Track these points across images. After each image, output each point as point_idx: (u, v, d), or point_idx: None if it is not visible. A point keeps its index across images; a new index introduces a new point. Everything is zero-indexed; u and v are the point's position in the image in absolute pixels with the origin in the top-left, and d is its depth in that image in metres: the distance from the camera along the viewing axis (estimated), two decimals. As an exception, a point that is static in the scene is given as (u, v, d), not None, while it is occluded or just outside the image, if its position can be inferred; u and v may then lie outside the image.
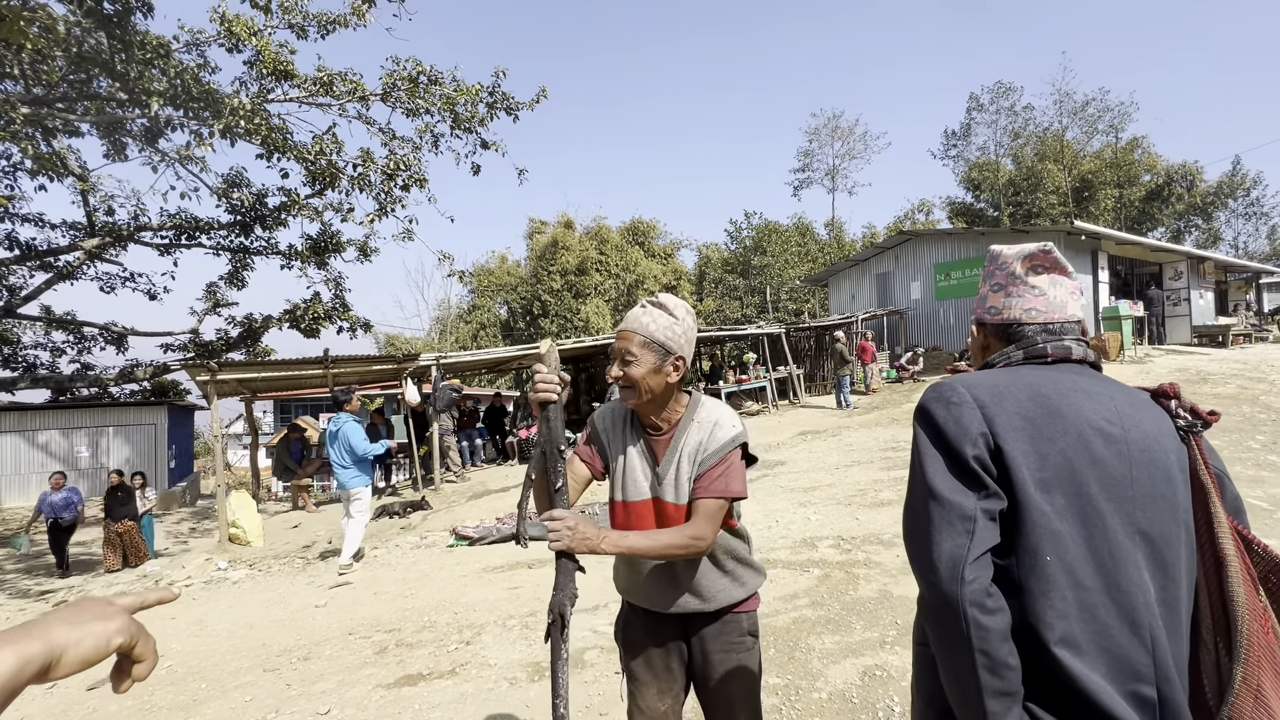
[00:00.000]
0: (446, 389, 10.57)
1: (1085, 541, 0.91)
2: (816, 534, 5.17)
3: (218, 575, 6.84)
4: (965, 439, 0.94)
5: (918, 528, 0.95)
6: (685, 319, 1.56)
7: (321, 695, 3.37)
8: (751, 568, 1.67)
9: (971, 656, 0.87)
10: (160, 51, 8.97)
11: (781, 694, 2.83)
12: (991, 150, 32.93)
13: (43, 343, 15.37)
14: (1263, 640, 0.91)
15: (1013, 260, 1.14)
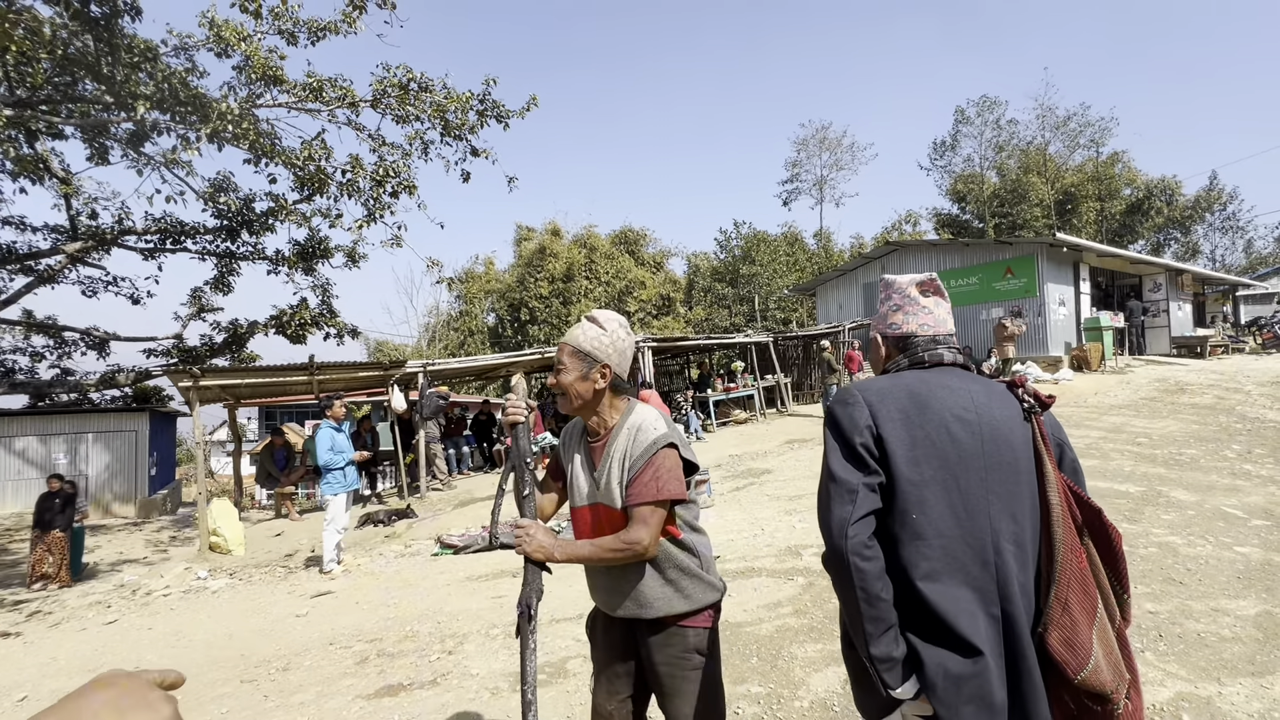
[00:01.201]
0: (433, 396, 10.52)
1: (945, 501, 1.20)
2: (801, 542, 5.19)
3: (197, 585, 6.74)
4: (855, 431, 1.23)
5: (820, 501, 1.25)
6: (615, 331, 1.69)
7: (300, 707, 3.33)
8: (699, 581, 1.63)
9: (854, 592, 1.16)
10: (148, 55, 8.91)
11: (764, 703, 2.83)
12: (977, 163, 33.44)
13: (21, 347, 15.13)
14: (1076, 567, 1.20)
15: (907, 286, 1.45)
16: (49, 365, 15.18)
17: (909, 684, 1.16)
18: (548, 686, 3.23)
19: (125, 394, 15.53)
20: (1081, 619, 1.17)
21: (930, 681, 1.14)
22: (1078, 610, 1.18)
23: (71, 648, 5.00)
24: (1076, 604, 1.18)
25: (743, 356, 16.65)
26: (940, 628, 1.15)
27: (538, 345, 20.91)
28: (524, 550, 1.58)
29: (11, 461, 13.59)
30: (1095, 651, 1.16)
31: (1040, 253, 14.20)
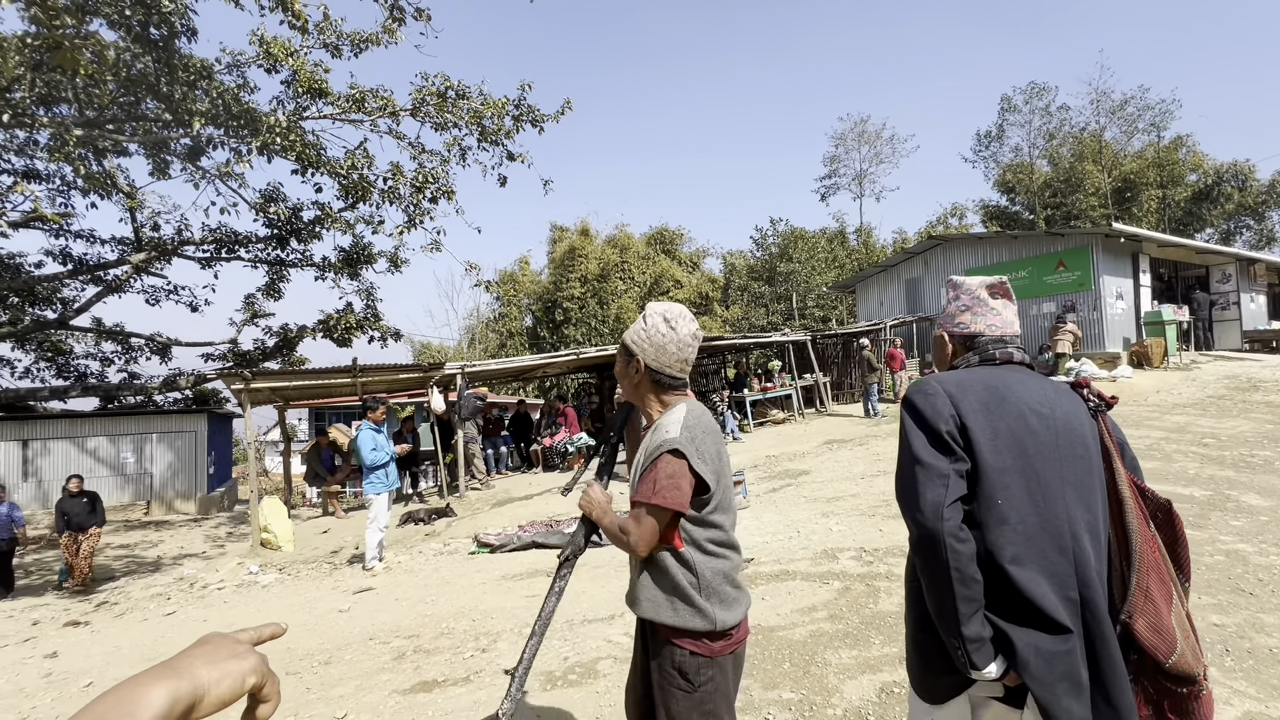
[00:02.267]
0: (471, 397, 10.71)
1: (1025, 489, 1.25)
2: (838, 545, 5.07)
3: (249, 579, 7.02)
4: (940, 419, 1.28)
5: (907, 485, 1.28)
6: (655, 325, 1.65)
7: (339, 700, 3.42)
8: (687, 603, 1.55)
9: (949, 574, 1.20)
10: (203, 73, 9.34)
11: (795, 709, 2.77)
12: (1026, 152, 32.11)
13: (93, 353, 16.09)
14: (1151, 557, 1.27)
15: (977, 288, 1.51)
16: (117, 369, 16.10)
17: (996, 664, 1.21)
18: (578, 687, 3.23)
19: (185, 396, 16.36)
20: (1163, 606, 1.23)
21: (1023, 659, 1.19)
22: (1159, 598, 1.23)
23: (135, 637, 5.27)
24: (1156, 591, 1.24)
25: (780, 356, 16.40)
26: (1028, 609, 1.20)
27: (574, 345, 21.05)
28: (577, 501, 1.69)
29: (85, 460, 14.46)
30: (1179, 637, 1.21)
31: (1095, 244, 13.53)
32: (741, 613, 1.62)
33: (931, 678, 1.35)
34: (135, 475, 14.95)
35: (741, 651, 1.67)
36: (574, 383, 21.49)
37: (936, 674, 1.33)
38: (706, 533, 1.59)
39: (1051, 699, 1.17)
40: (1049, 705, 1.17)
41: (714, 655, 1.56)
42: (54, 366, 15.74)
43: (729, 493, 1.66)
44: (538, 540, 6.55)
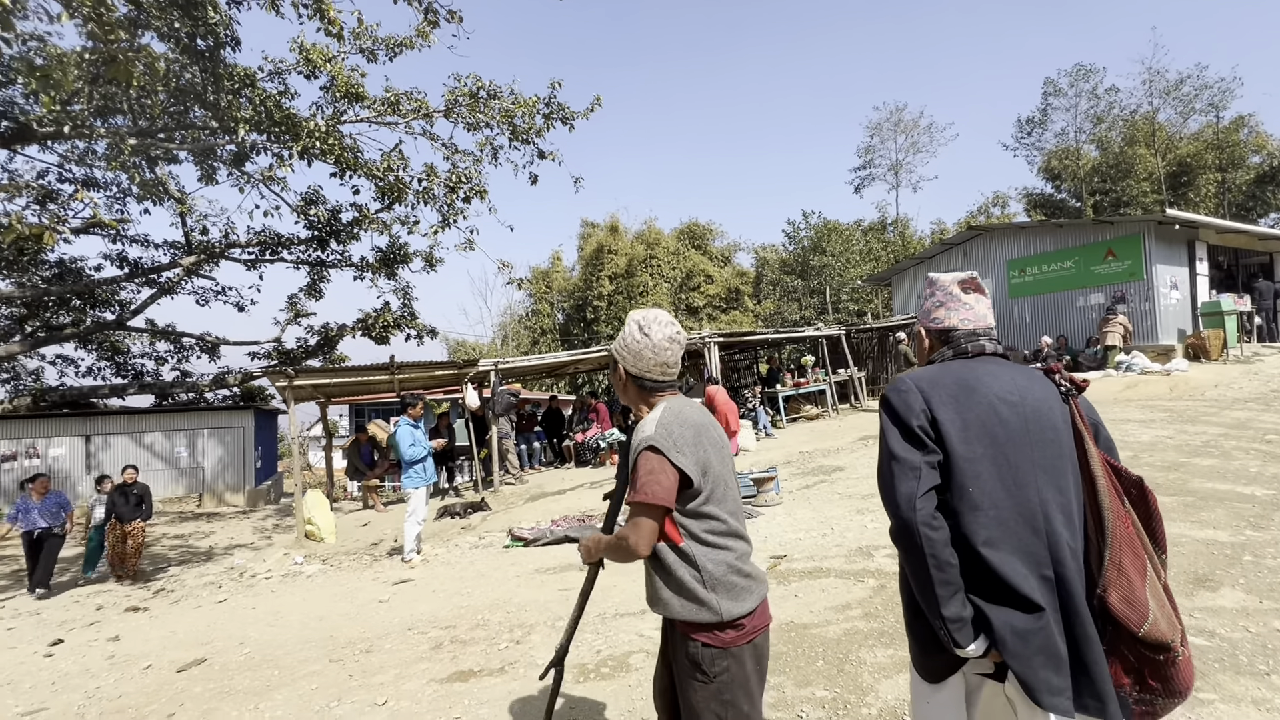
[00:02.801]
0: (504, 394, 10.85)
1: (997, 476, 1.33)
2: (874, 543, 4.99)
3: (294, 569, 7.28)
4: (911, 414, 1.36)
5: (884, 479, 1.36)
6: (630, 330, 1.74)
7: (380, 687, 3.52)
8: (690, 597, 1.57)
9: (925, 560, 1.28)
10: (247, 81, 9.66)
11: (829, 707, 2.74)
12: (1071, 137, 30.81)
13: (148, 352, 16.87)
14: (1124, 533, 1.33)
15: (950, 284, 1.57)
16: (170, 368, 16.84)
17: (978, 642, 1.29)
18: (610, 680, 3.26)
19: (234, 393, 17.01)
20: (1135, 578, 1.30)
21: (1000, 637, 1.26)
22: (1131, 571, 1.30)
23: (189, 623, 5.53)
24: (1129, 565, 1.31)
25: (813, 351, 16.17)
26: (1003, 589, 1.28)
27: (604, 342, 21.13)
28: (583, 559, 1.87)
29: (142, 454, 15.18)
30: (1151, 607, 1.28)
31: (1147, 231, 12.92)
32: (753, 602, 1.62)
33: (925, 657, 1.42)
34: (188, 469, 15.64)
35: (762, 641, 1.67)
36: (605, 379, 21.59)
37: (929, 653, 1.40)
38: (703, 524, 1.61)
39: (1028, 672, 1.25)
40: (1026, 678, 1.25)
41: (727, 646, 1.58)
42: (113, 365, 16.57)
43: (723, 483, 1.66)
44: (570, 535, 6.62)
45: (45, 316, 14.68)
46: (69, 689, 4.13)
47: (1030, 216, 29.94)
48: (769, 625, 1.71)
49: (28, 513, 7.77)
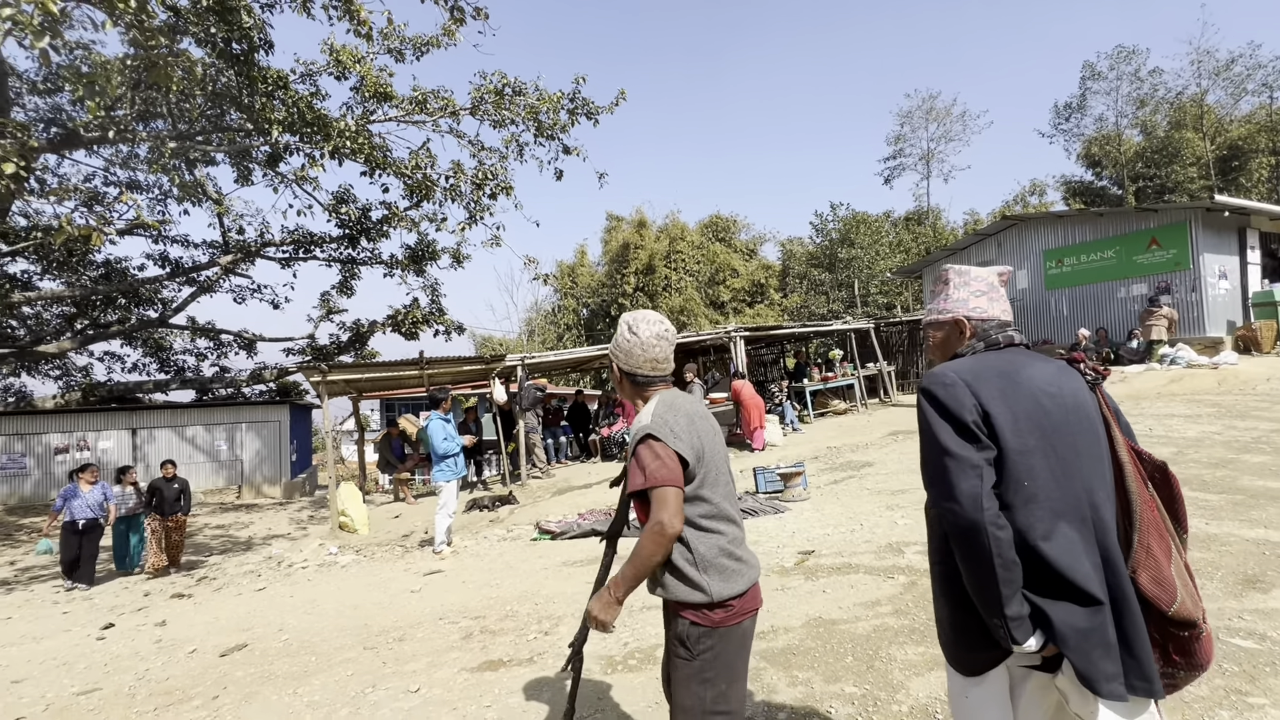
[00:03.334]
0: (531, 388, 10.95)
1: (1047, 468, 1.32)
2: (904, 539, 4.91)
3: (329, 559, 7.48)
4: (964, 409, 1.32)
5: (939, 476, 1.33)
6: (620, 332, 1.84)
7: (413, 674, 3.60)
8: (680, 576, 1.64)
9: (992, 561, 1.25)
10: (279, 84, 9.90)
11: (858, 704, 2.71)
12: (1112, 122, 29.68)
13: (189, 349, 17.47)
14: (1150, 516, 1.36)
15: (989, 275, 1.59)
16: (210, 364, 17.39)
17: (1035, 637, 1.28)
18: (638, 671, 3.28)
19: (270, 388, 17.51)
20: (1163, 560, 1.32)
21: (1062, 635, 1.26)
22: (1159, 552, 1.33)
23: (230, 609, 5.73)
24: (1156, 547, 1.33)
25: (841, 344, 15.96)
26: (1061, 583, 1.27)
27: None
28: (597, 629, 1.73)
29: (184, 447, 15.73)
30: (1179, 587, 1.31)
31: (1194, 219, 12.41)
32: (743, 585, 1.67)
33: (971, 653, 1.41)
34: (228, 461, 16.16)
35: (749, 624, 1.72)
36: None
37: (975, 649, 1.39)
38: (697, 509, 1.67)
39: (1088, 665, 1.25)
40: (1086, 671, 1.25)
41: (714, 625, 1.63)
42: (157, 361, 17.18)
43: (715, 468, 1.73)
44: (597, 528, 6.66)
45: (93, 315, 15.30)
46: (120, 670, 4.31)
47: (1069, 205, 28.99)
48: (758, 610, 1.76)
49: (74, 502, 7.72)
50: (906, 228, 30.30)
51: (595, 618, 1.69)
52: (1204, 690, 2.51)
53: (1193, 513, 4.58)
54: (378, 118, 11.64)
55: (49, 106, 12.56)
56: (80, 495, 7.82)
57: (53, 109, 12.57)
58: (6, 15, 6.84)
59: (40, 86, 12.20)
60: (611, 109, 11.98)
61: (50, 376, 16.54)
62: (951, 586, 1.41)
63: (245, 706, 3.46)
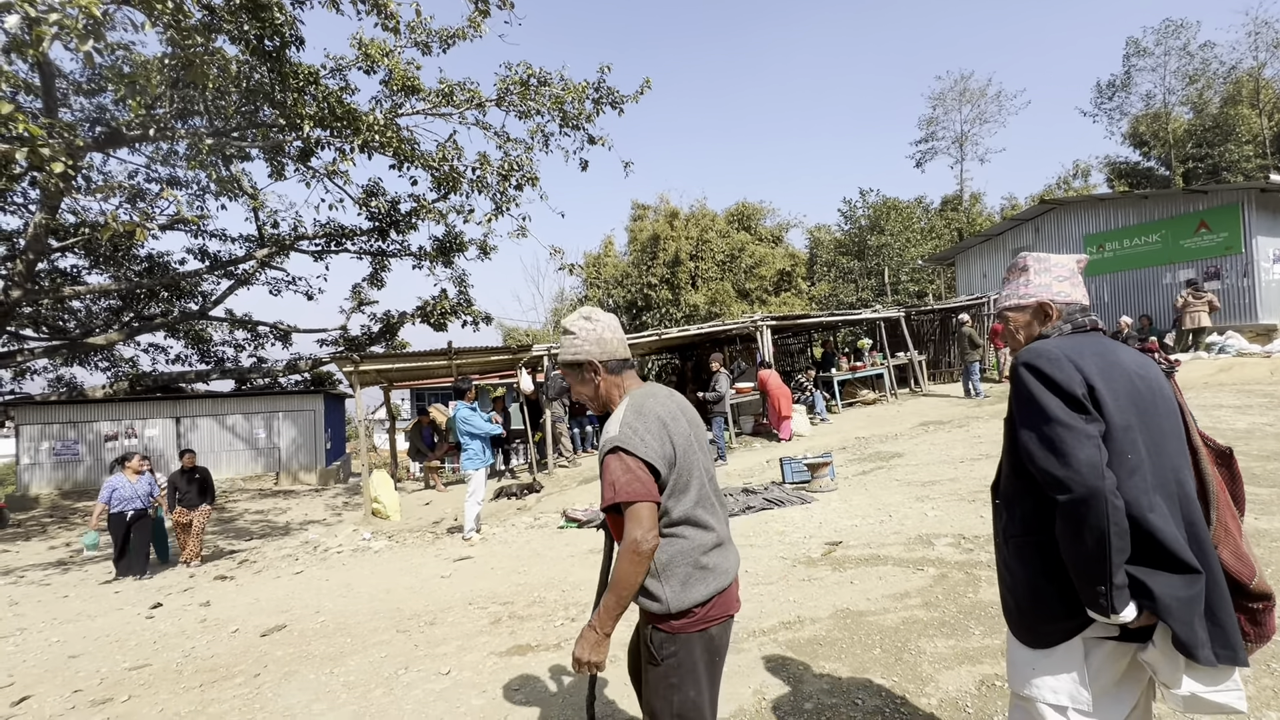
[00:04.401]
0: (557, 378, 11.01)
1: (1145, 443, 1.37)
2: (934, 531, 4.83)
3: (362, 545, 7.68)
4: (1074, 384, 1.36)
5: (1053, 447, 1.33)
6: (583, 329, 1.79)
7: (443, 657, 3.69)
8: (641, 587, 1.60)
9: (1109, 528, 1.27)
10: (310, 79, 10.07)
11: (885, 696, 2.69)
12: (1160, 99, 28.40)
13: (228, 340, 18.02)
14: (1222, 496, 1.46)
15: (1069, 261, 1.63)
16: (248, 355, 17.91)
17: (1131, 607, 1.31)
18: (663, 659, 3.30)
19: (305, 378, 17.97)
20: (1238, 536, 1.40)
21: (1165, 604, 1.29)
22: (1234, 529, 1.40)
23: (270, 592, 5.93)
24: (1232, 525, 1.41)
25: (871, 333, 15.68)
26: (1163, 554, 1.30)
27: (652, 329, 21.11)
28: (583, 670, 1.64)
29: (225, 435, 16.28)
30: (1255, 562, 1.39)
31: (1247, 200, 11.84)
32: (707, 592, 1.62)
33: (1050, 624, 1.43)
34: (266, 449, 16.67)
35: (718, 631, 1.67)
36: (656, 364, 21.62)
37: (1056, 620, 1.42)
38: (662, 517, 1.63)
39: (1189, 634, 1.29)
40: (1187, 638, 1.29)
41: (675, 633, 1.61)
42: (198, 352, 17.77)
43: (688, 471, 1.67)
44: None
45: (138, 308, 15.87)
46: (168, 648, 4.51)
47: (1113, 187, 27.90)
48: (730, 616, 1.71)
49: (120, 492, 7.53)
50: (940, 214, 29.54)
51: (584, 661, 1.61)
52: (1252, 690, 2.42)
53: (1241, 507, 4.41)
54: (405, 111, 11.76)
55: (93, 106, 13.00)
56: (126, 485, 7.63)
57: (97, 109, 13.01)
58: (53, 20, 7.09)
59: (85, 87, 12.63)
60: (636, 98, 11.90)
61: (99, 367, 17.25)
62: (1039, 557, 1.44)
63: (285, 684, 3.59)
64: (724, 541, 1.73)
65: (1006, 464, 1.54)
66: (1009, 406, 1.51)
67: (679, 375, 17.26)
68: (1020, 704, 1.54)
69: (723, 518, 1.77)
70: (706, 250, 26.00)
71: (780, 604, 3.83)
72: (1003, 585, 1.57)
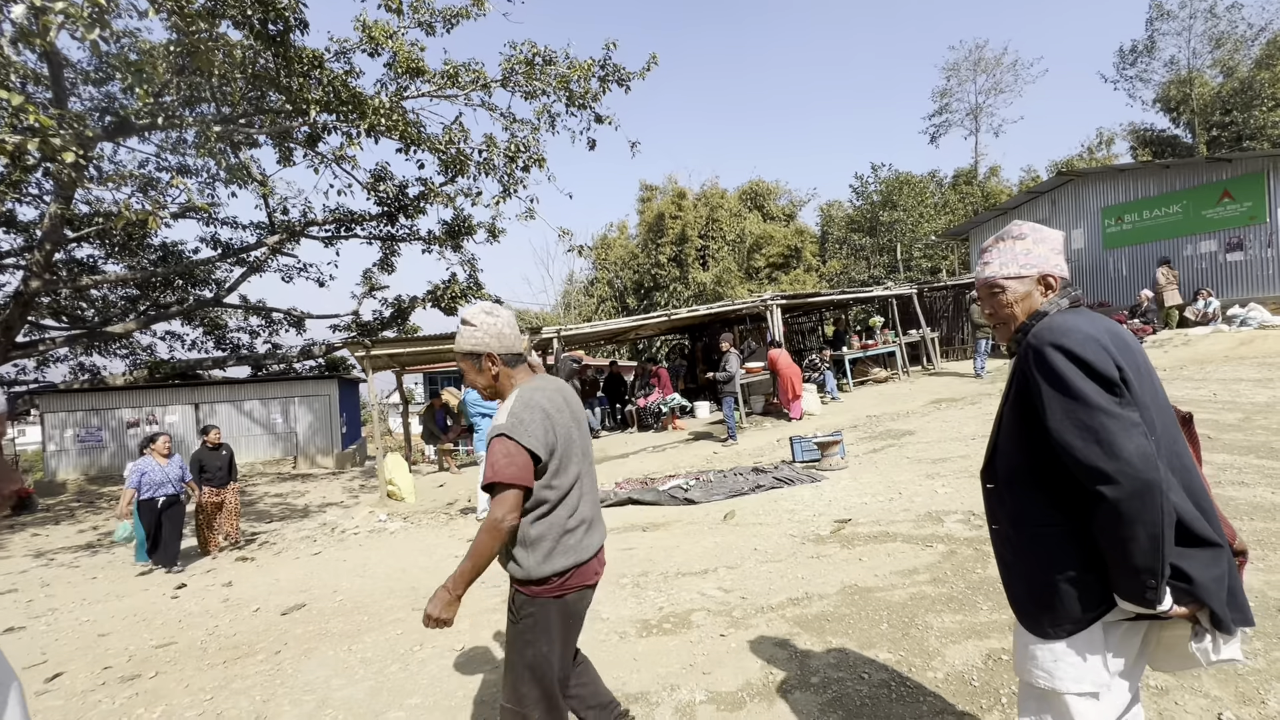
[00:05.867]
0: (567, 360, 11.07)
1: (1160, 422, 1.34)
2: (944, 508, 4.82)
3: (379, 526, 7.82)
4: (1109, 366, 1.29)
5: (1097, 438, 1.25)
6: (484, 322, 1.88)
7: (456, 634, 3.77)
8: (509, 554, 1.83)
9: (1163, 521, 1.22)
10: (315, 63, 10.02)
11: (891, 670, 2.71)
12: (1185, 64, 27.45)
13: (243, 327, 18.23)
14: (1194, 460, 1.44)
15: (1059, 235, 1.58)
16: (262, 341, 18.12)
17: (1169, 596, 1.30)
18: (672, 635, 3.35)
19: (319, 363, 18.17)
20: (1212, 498, 1.39)
21: (1203, 585, 1.27)
22: (1210, 493, 1.39)
23: (289, 572, 6.08)
24: (1208, 488, 1.39)
25: (882, 311, 15.54)
26: (1191, 535, 1.29)
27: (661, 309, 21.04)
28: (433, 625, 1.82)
29: (242, 420, 16.56)
30: None
31: (1272, 167, 11.49)
32: (566, 564, 1.82)
33: (1069, 616, 1.38)
34: (283, 434, 16.94)
35: (575, 599, 1.88)
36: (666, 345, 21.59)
37: (1076, 611, 1.37)
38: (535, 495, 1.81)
39: (1221, 608, 1.29)
40: (1221, 613, 1.29)
41: (534, 597, 1.82)
42: (214, 339, 18.01)
43: (569, 456, 1.86)
44: (634, 497, 6.76)
45: (154, 296, 16.08)
46: (192, 626, 4.65)
47: (1135, 157, 27.13)
48: (588, 586, 1.92)
49: (150, 476, 6.87)
50: (954, 188, 29.00)
51: (434, 618, 1.77)
52: (1261, 663, 2.42)
53: (1259, 482, 4.35)
54: (411, 93, 11.69)
55: (102, 95, 13.05)
56: (156, 469, 6.93)
57: (105, 98, 13.06)
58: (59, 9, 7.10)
59: (92, 76, 12.66)
60: (643, 74, 11.74)
61: (118, 355, 17.55)
62: (1062, 546, 1.38)
63: (305, 660, 3.69)
64: (590, 520, 1.93)
65: (1011, 446, 1.46)
66: (1013, 386, 1.43)
67: (689, 356, 17.24)
68: (1038, 694, 1.47)
69: (594, 501, 1.98)
70: (717, 230, 25.78)
71: (789, 581, 3.86)
72: (1011, 575, 1.49)
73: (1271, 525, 3.67)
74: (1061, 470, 1.33)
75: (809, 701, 2.56)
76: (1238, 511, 3.91)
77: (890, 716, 2.40)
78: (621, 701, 2.76)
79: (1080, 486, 1.29)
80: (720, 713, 2.56)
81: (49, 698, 3.60)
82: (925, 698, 2.49)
